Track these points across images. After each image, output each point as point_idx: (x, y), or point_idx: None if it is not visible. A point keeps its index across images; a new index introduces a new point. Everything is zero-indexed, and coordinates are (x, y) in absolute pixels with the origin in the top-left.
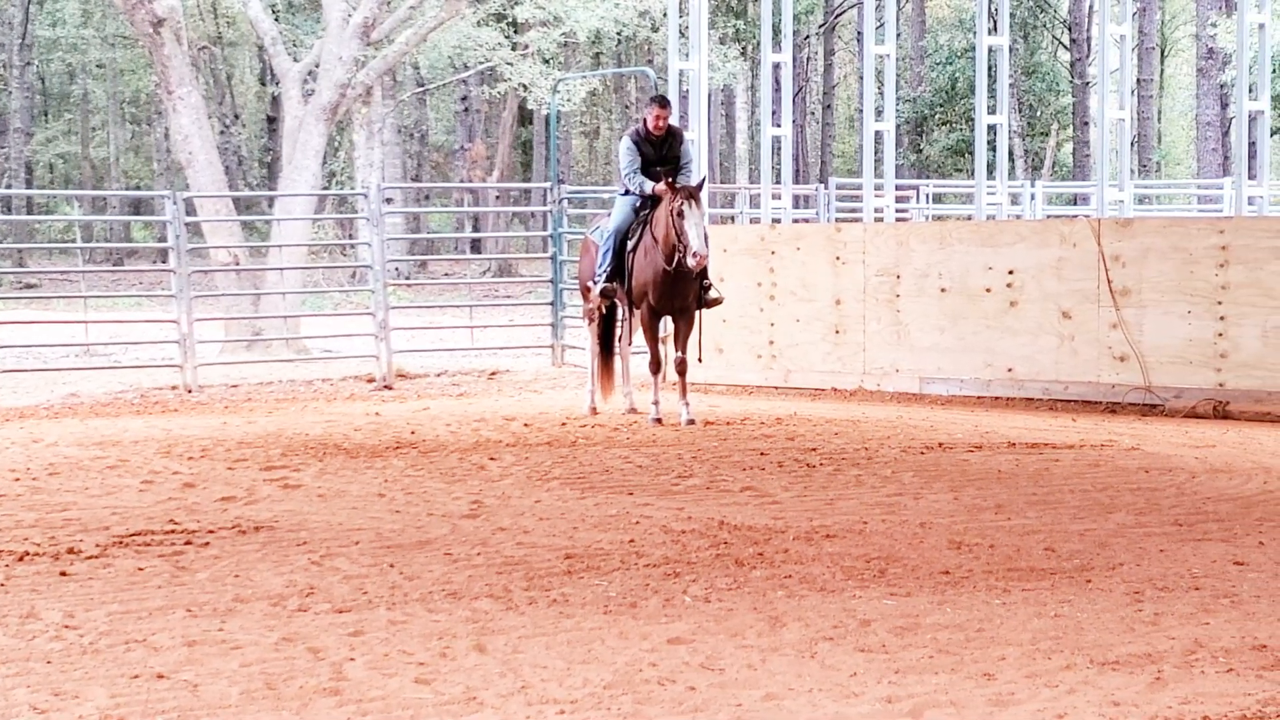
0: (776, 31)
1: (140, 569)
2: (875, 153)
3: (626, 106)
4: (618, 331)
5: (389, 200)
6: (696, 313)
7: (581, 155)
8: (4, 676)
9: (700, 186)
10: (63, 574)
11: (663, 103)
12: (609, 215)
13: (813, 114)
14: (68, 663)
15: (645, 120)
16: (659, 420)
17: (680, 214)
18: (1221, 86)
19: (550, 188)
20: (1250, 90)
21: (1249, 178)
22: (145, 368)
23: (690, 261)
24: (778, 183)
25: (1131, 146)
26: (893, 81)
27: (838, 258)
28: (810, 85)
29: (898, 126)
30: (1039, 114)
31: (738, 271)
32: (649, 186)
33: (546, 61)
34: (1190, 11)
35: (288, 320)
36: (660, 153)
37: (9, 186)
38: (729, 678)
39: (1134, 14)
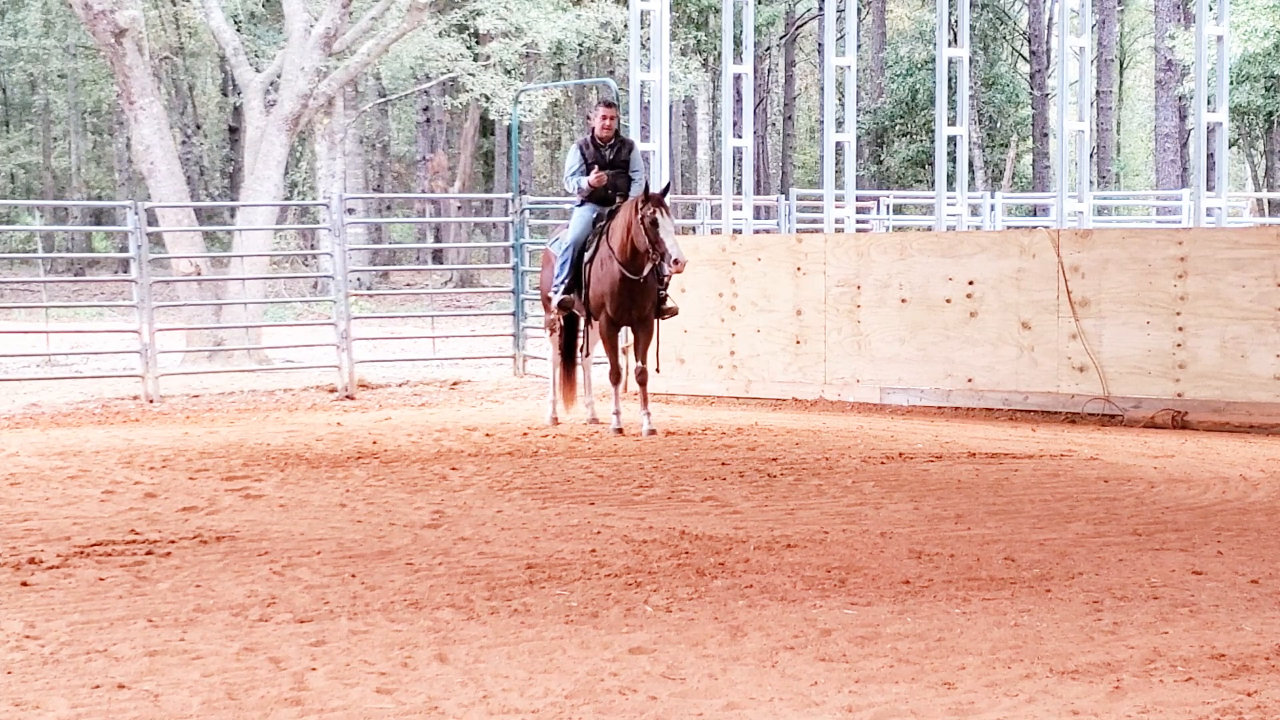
0: (738, 43)
1: (101, 579)
2: (836, 164)
3: (588, 117)
4: (579, 342)
5: (351, 210)
6: (655, 322)
7: (543, 166)
8: None
9: (665, 192)
10: (24, 584)
11: (609, 104)
12: (568, 226)
13: (774, 125)
14: (29, 673)
15: (594, 126)
16: (620, 430)
17: (654, 223)
18: (1180, 98)
19: (512, 198)
20: (1208, 102)
21: (1207, 189)
22: (107, 378)
23: (671, 269)
24: (739, 193)
25: (1091, 158)
26: (853, 93)
27: (799, 268)
28: (771, 96)
29: (858, 138)
30: (999, 125)
31: (699, 282)
32: (583, 181)
33: (508, 72)
34: (1149, 24)
35: (249, 330)
36: (609, 160)
37: None
38: (690, 687)
39: (1093, 26)
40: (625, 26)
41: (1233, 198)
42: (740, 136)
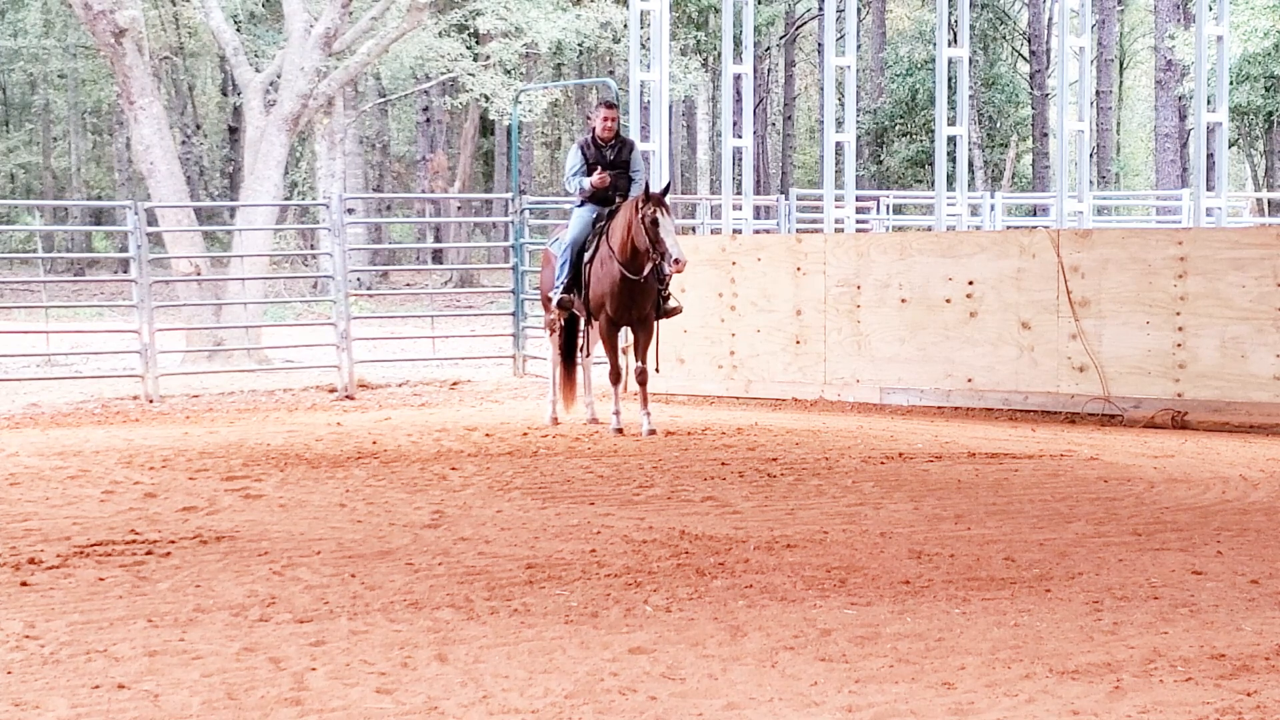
0: (737, 43)
1: (101, 579)
2: (836, 164)
3: (588, 118)
4: (579, 342)
5: (351, 210)
6: (655, 323)
7: (543, 166)
8: None
9: (665, 191)
10: (23, 584)
11: (610, 105)
12: (568, 226)
13: (774, 125)
14: (28, 673)
15: (594, 127)
16: (620, 430)
17: (655, 222)
18: (1180, 98)
19: (512, 198)
20: (1208, 102)
21: (1207, 189)
22: (106, 378)
23: (671, 268)
24: (739, 193)
25: (1090, 158)
26: (853, 93)
27: (799, 268)
28: (771, 96)
29: (858, 138)
30: (999, 125)
31: (699, 282)
32: (585, 182)
33: (508, 72)
34: (1149, 24)
35: (249, 330)
36: (610, 160)
37: None
38: (690, 687)
39: (1093, 26)
40: (625, 26)
41: (1233, 198)
42: (740, 136)
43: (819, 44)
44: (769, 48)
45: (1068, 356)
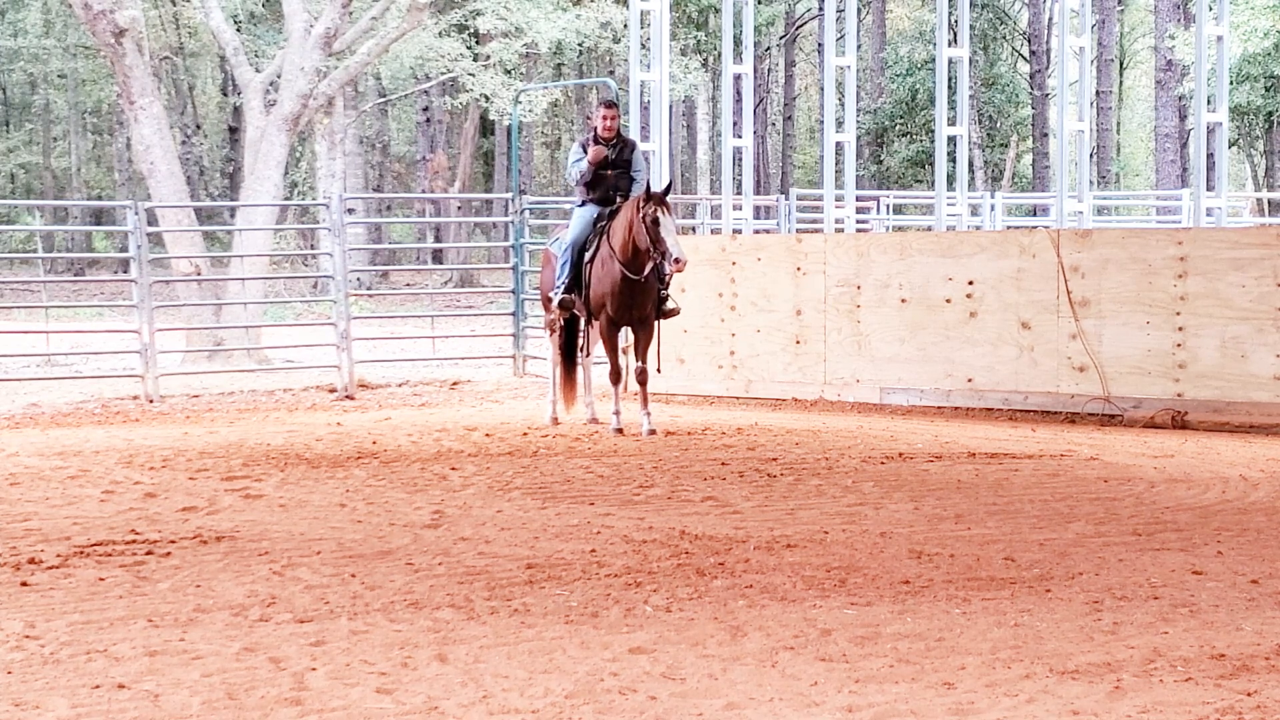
0: (737, 43)
1: (101, 579)
2: (836, 164)
3: (588, 117)
4: (579, 342)
5: (351, 210)
6: (655, 323)
7: (543, 166)
8: None
9: (667, 191)
10: (24, 584)
11: (610, 104)
12: (569, 226)
13: (774, 125)
14: (29, 673)
15: (595, 126)
16: (620, 430)
17: (656, 221)
18: (1180, 98)
19: (512, 198)
20: (1208, 102)
21: (1207, 189)
22: (106, 378)
23: (672, 268)
24: (739, 193)
25: (1090, 158)
26: (853, 93)
27: (799, 268)
28: (771, 96)
29: (858, 138)
30: (999, 125)
31: (699, 282)
32: (583, 164)
33: (508, 72)
34: (1149, 24)
35: (249, 330)
36: (611, 159)
37: None
38: (690, 687)
39: (1093, 26)
40: (625, 26)
41: (1233, 198)
42: (740, 136)
43: (819, 44)
44: (769, 48)
45: (1068, 356)
